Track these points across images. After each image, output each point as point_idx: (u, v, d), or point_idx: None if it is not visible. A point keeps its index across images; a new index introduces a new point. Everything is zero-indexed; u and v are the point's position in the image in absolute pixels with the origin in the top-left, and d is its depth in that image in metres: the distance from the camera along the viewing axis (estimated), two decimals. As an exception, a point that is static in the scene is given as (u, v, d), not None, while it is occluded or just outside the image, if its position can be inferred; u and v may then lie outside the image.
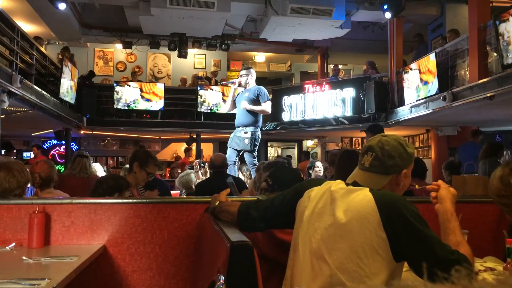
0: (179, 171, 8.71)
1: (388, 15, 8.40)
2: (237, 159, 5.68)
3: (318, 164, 5.94)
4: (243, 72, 5.84)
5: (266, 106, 5.58)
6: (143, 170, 3.38)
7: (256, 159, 5.59)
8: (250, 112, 5.55)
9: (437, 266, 1.38)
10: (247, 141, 5.46)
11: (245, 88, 5.77)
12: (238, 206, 1.96)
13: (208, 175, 5.53)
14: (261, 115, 5.71)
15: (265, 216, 1.87)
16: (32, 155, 10.55)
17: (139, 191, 3.59)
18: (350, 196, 1.60)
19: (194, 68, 13.49)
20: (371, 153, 1.69)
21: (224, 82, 9.94)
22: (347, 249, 1.53)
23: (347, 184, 1.70)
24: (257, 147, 5.60)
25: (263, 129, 10.51)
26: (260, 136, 5.67)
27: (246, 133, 5.50)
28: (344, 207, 1.58)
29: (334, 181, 1.75)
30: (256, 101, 5.58)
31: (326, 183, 1.75)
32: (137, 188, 3.56)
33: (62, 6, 7.84)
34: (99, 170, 5.23)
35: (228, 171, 4.91)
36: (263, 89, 5.69)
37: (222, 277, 1.47)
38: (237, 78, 5.95)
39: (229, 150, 5.63)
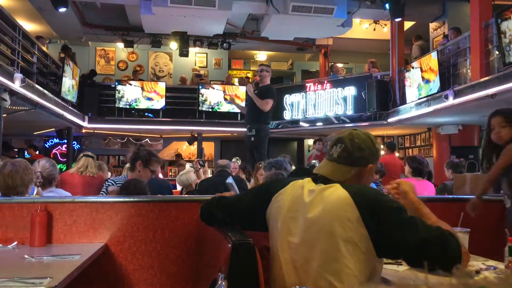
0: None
1: (389, 13, 8.38)
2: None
3: None
4: (264, 67, 5.79)
5: (265, 103, 5.49)
6: (147, 168, 3.39)
7: (265, 156, 5.48)
8: (256, 109, 5.50)
9: (425, 245, 1.41)
10: (253, 139, 5.46)
11: (259, 83, 5.70)
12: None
13: (208, 174, 5.53)
14: (269, 113, 5.60)
15: (228, 216, 1.88)
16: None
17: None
18: (324, 195, 1.58)
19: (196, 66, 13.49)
20: (340, 145, 1.68)
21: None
22: (331, 249, 1.51)
23: (315, 179, 1.68)
24: (265, 143, 5.53)
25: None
26: (268, 133, 5.60)
27: (251, 131, 5.51)
28: (321, 207, 1.56)
29: (300, 180, 1.72)
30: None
31: (292, 183, 1.72)
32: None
33: (62, 10, 7.88)
34: (104, 169, 5.23)
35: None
36: (271, 88, 5.66)
37: (224, 276, 1.48)
38: (240, 94, 5.88)
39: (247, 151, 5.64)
